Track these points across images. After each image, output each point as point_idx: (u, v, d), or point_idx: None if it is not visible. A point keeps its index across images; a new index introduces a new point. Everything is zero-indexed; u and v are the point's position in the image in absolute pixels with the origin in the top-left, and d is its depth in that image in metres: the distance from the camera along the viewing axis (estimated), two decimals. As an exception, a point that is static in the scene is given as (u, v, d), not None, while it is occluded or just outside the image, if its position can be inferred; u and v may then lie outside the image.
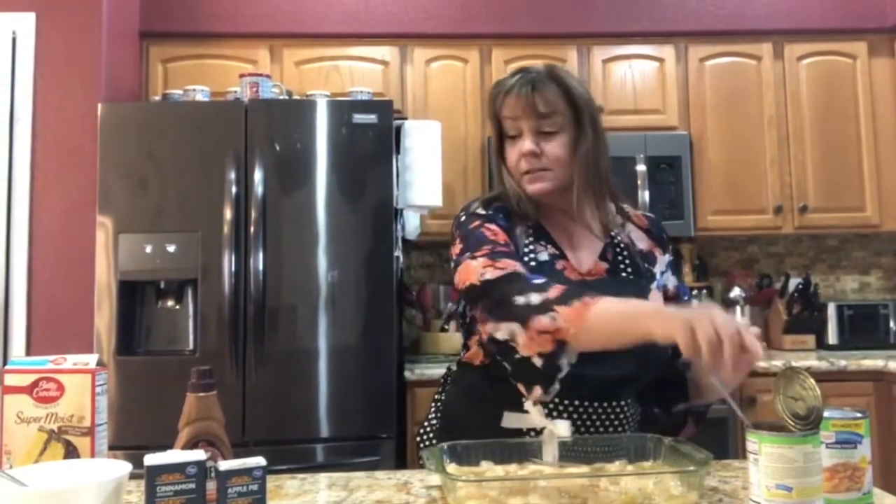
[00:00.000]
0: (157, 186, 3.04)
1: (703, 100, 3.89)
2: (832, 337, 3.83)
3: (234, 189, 3.02)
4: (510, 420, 1.57)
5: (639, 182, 3.67)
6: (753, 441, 1.25)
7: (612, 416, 1.59)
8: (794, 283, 3.97)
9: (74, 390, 1.35)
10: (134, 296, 3.08)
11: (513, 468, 1.35)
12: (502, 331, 1.47)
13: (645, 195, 3.66)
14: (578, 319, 1.39)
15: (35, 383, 1.35)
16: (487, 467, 1.36)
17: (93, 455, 1.35)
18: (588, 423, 1.57)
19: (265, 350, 2.99)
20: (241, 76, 3.32)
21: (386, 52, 3.83)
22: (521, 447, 1.43)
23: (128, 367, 2.99)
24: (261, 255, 3.00)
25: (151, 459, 1.13)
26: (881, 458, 3.30)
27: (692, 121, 3.88)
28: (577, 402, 1.56)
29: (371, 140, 3.10)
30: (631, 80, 3.89)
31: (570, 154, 1.64)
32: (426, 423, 1.82)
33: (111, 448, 2.46)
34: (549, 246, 1.65)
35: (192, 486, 1.13)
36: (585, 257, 1.67)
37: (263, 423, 2.96)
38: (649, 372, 1.60)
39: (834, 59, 3.93)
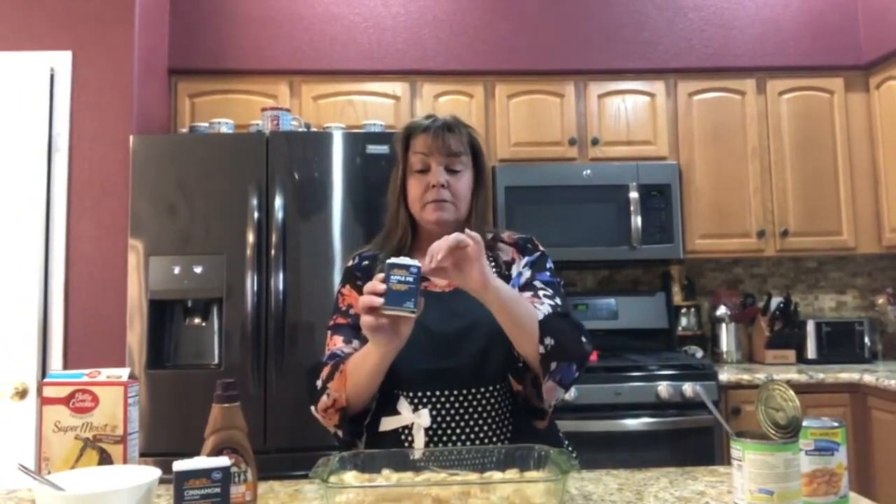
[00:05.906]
0: (184, 212, 3.06)
1: (692, 132, 3.90)
2: (811, 352, 3.83)
3: (256, 215, 3.03)
4: (385, 424, 1.61)
5: (631, 208, 3.67)
6: (738, 448, 1.25)
7: (476, 403, 1.58)
8: (775, 301, 3.97)
9: (108, 401, 1.36)
10: (163, 314, 3.09)
11: (408, 475, 1.30)
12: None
13: (637, 220, 3.66)
14: (342, 383, 1.53)
15: (72, 395, 1.36)
16: (387, 474, 1.31)
17: (125, 461, 1.35)
18: (452, 411, 1.57)
19: (285, 363, 2.99)
20: (263, 110, 3.34)
21: (397, 87, 3.85)
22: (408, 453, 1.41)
23: (158, 380, 3.00)
24: (281, 276, 3.01)
25: (179, 465, 1.14)
26: (857, 464, 3.29)
27: (681, 151, 3.88)
28: (438, 393, 1.58)
29: (383, 169, 3.09)
30: (624, 113, 3.90)
31: (470, 193, 1.73)
32: None
33: (142, 455, 2.47)
34: None
35: (218, 490, 1.14)
36: None
37: (284, 432, 2.96)
38: (496, 353, 1.60)
39: (813, 94, 3.94)
